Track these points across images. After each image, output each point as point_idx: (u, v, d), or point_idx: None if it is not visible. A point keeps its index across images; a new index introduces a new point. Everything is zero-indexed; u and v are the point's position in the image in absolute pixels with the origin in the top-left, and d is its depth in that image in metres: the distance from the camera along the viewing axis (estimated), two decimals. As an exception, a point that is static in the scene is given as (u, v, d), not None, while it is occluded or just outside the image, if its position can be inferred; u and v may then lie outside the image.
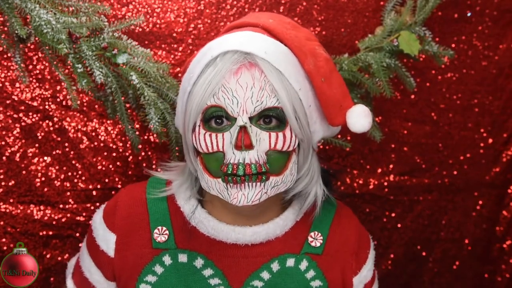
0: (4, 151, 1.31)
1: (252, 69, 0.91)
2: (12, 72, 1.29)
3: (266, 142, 0.91)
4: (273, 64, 0.91)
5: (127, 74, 1.11)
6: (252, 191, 0.91)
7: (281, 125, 0.92)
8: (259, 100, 0.90)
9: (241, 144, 0.88)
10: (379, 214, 1.49)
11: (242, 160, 0.90)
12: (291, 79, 0.92)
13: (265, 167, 0.91)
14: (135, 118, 1.29)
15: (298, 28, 1.02)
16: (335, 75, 0.99)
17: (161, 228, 1.02)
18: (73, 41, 1.08)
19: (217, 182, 0.93)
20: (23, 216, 1.33)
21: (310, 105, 0.95)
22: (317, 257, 1.03)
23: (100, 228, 1.05)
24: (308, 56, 0.96)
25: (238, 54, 0.91)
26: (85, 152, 1.34)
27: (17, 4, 1.03)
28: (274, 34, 0.96)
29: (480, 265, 1.54)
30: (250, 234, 1.00)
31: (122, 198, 1.06)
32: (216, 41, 0.96)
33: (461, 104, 1.46)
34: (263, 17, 1.01)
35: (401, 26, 1.27)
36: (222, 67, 0.91)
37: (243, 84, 0.90)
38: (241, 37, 0.94)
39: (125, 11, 1.29)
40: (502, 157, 1.50)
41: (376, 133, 1.28)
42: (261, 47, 0.92)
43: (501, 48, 1.44)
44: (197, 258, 1.00)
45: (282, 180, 0.94)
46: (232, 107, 0.90)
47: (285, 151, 0.93)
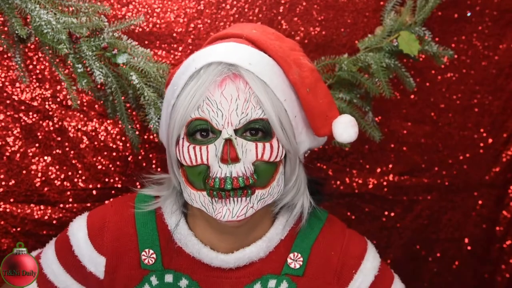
0: (4, 151, 1.31)
1: (237, 81, 0.89)
2: (12, 72, 1.29)
3: (253, 152, 0.90)
4: (257, 75, 0.90)
5: (127, 74, 1.12)
6: (237, 206, 0.90)
7: (267, 136, 0.91)
8: (244, 112, 0.89)
9: (227, 158, 0.87)
10: (378, 214, 1.49)
11: (229, 174, 0.88)
12: (276, 90, 0.91)
13: (252, 178, 0.89)
14: (135, 118, 1.29)
15: (282, 39, 1.01)
16: (320, 85, 0.98)
17: (148, 251, 1.01)
18: (73, 41, 1.08)
19: (201, 195, 0.92)
20: (23, 216, 1.33)
21: (296, 116, 0.94)
22: (298, 278, 1.00)
23: (86, 248, 1.02)
24: (292, 66, 0.95)
25: (222, 66, 0.90)
26: (85, 151, 1.35)
27: (17, 4, 1.03)
28: (257, 44, 0.95)
29: (480, 265, 1.54)
30: (233, 261, 0.99)
31: (111, 217, 1.03)
32: (199, 52, 0.95)
33: (461, 104, 1.46)
34: (247, 28, 1.01)
35: (401, 26, 1.27)
36: (206, 79, 0.89)
37: (228, 96, 0.89)
38: (225, 48, 0.93)
39: (125, 11, 1.29)
40: (502, 157, 1.49)
41: (375, 133, 1.28)
42: (245, 58, 0.91)
43: (501, 48, 1.44)
44: (182, 279, 1.00)
45: (268, 192, 0.92)
46: (217, 120, 0.89)
47: (273, 162, 0.91)
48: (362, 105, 1.28)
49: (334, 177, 1.45)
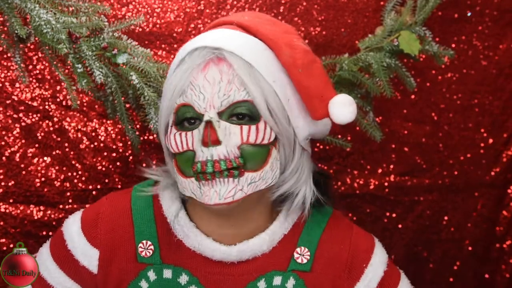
0: (4, 151, 1.31)
1: (221, 64, 0.88)
2: (12, 72, 1.29)
3: (237, 135, 0.87)
4: (242, 57, 0.88)
5: (127, 74, 1.11)
6: (224, 187, 0.87)
7: (254, 120, 0.89)
8: (226, 94, 0.87)
9: (207, 140, 0.85)
10: (379, 215, 1.48)
11: (210, 156, 0.86)
12: (263, 72, 0.89)
13: (236, 162, 0.87)
14: (135, 118, 1.29)
15: (277, 24, 1.00)
16: (315, 66, 0.95)
17: (145, 242, 0.97)
18: (73, 41, 1.08)
19: (190, 181, 0.89)
20: (23, 216, 1.32)
21: (289, 99, 0.92)
22: (305, 274, 0.97)
23: (79, 241, 0.98)
24: (283, 48, 0.93)
25: (206, 50, 0.89)
26: (85, 152, 1.34)
27: (17, 4, 1.03)
28: (247, 29, 0.94)
29: (480, 265, 1.54)
30: (235, 254, 0.95)
31: (105, 209, 1.00)
32: (190, 41, 0.95)
33: (461, 104, 1.46)
34: (240, 15, 1.00)
35: (401, 26, 1.27)
36: (190, 64, 0.89)
37: (210, 80, 0.88)
38: (212, 34, 0.93)
39: (125, 11, 1.29)
40: (502, 157, 1.50)
41: (376, 133, 1.28)
42: (230, 41, 0.90)
43: (501, 48, 1.44)
44: (181, 274, 0.96)
45: (260, 176, 0.89)
46: (199, 103, 0.88)
47: (261, 145, 0.89)
48: (363, 105, 1.28)
49: (335, 177, 1.45)
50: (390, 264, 1.02)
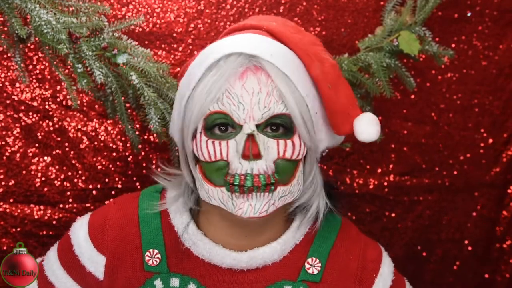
0: (4, 151, 1.31)
1: (258, 73, 0.86)
2: (12, 72, 1.29)
3: (274, 150, 0.86)
4: (279, 67, 0.86)
5: (127, 74, 1.11)
6: (259, 202, 0.86)
7: (289, 133, 0.88)
8: (267, 107, 0.85)
9: (249, 154, 0.84)
10: (379, 215, 1.48)
11: (250, 170, 0.85)
12: (298, 85, 0.88)
13: (273, 177, 0.86)
14: (135, 118, 1.29)
15: (302, 32, 0.98)
16: (342, 82, 0.94)
17: (152, 251, 0.96)
18: (73, 41, 1.08)
19: (220, 191, 0.87)
20: (23, 216, 1.33)
21: (317, 112, 0.91)
22: (315, 285, 0.96)
23: (86, 247, 0.98)
24: (314, 60, 0.91)
25: (242, 57, 0.86)
26: (85, 152, 1.35)
27: (17, 4, 1.03)
28: (278, 37, 0.92)
29: (480, 265, 1.54)
30: (246, 260, 0.94)
31: (113, 215, 0.99)
32: (218, 43, 0.91)
33: (461, 104, 1.46)
34: (266, 19, 0.98)
35: (401, 26, 1.27)
36: (226, 71, 0.85)
37: (249, 89, 0.85)
38: (244, 39, 0.90)
39: (125, 11, 1.29)
40: (502, 157, 1.49)
41: (376, 133, 1.28)
42: (266, 49, 0.87)
43: (501, 48, 1.44)
44: (189, 283, 0.95)
45: (289, 190, 0.89)
46: (238, 114, 0.85)
47: (294, 160, 0.88)
48: (363, 105, 1.28)
49: (335, 177, 1.45)
50: (396, 273, 1.02)
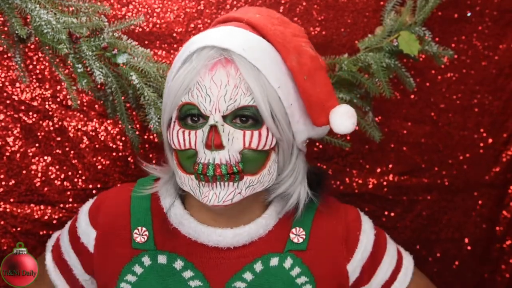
0: (4, 151, 1.31)
1: (228, 66, 0.89)
2: (12, 72, 1.29)
3: (240, 140, 0.89)
4: (250, 61, 0.89)
5: (127, 74, 1.12)
6: (224, 191, 0.89)
7: (257, 124, 0.90)
8: (233, 99, 0.88)
9: (211, 144, 0.87)
10: (378, 214, 1.49)
11: (212, 160, 0.88)
12: (270, 77, 0.90)
13: (237, 167, 0.89)
14: (135, 118, 1.29)
15: (287, 24, 1.00)
16: (320, 74, 0.96)
17: (140, 228, 1.00)
18: (73, 41, 1.08)
19: (190, 178, 0.91)
20: (23, 216, 1.33)
21: (292, 104, 0.93)
22: (302, 253, 0.99)
23: (83, 220, 1.05)
24: (291, 52, 0.93)
25: (214, 50, 0.89)
26: (85, 152, 1.35)
27: (17, 4, 1.03)
28: (257, 29, 0.94)
29: (480, 265, 1.54)
30: (231, 237, 0.97)
31: (110, 196, 1.06)
32: (197, 36, 0.94)
33: (461, 104, 1.46)
34: (251, 11, 0.99)
35: (401, 26, 1.27)
36: (198, 63, 0.89)
37: (218, 82, 0.88)
38: (221, 32, 0.92)
39: (125, 11, 1.29)
40: (502, 157, 1.49)
41: (375, 133, 1.28)
42: (239, 43, 0.90)
43: (501, 48, 1.44)
44: (176, 260, 0.98)
45: (258, 179, 0.91)
46: (205, 105, 0.88)
47: (262, 150, 0.90)
48: (362, 105, 1.28)
49: (334, 177, 1.45)
50: (376, 227, 1.08)
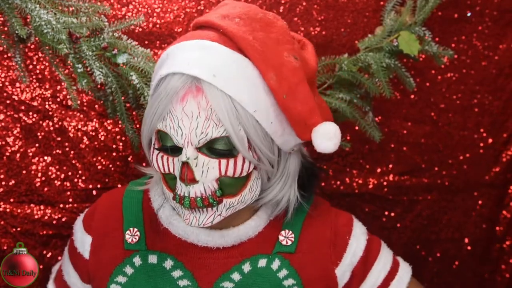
0: (4, 151, 1.31)
1: (199, 96, 0.85)
2: (12, 72, 1.29)
3: (215, 170, 0.87)
4: (221, 88, 0.84)
5: (127, 74, 1.12)
6: (203, 215, 0.90)
7: (234, 151, 0.87)
8: (204, 132, 0.85)
9: (184, 178, 0.86)
10: (378, 214, 1.49)
11: (187, 193, 0.88)
12: (245, 102, 0.85)
13: (213, 197, 0.88)
14: (135, 118, 1.29)
15: (270, 28, 0.92)
16: (301, 89, 0.90)
17: (132, 229, 1.01)
18: (73, 41, 1.08)
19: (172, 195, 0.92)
20: (23, 216, 1.33)
21: (272, 122, 0.89)
22: (290, 255, 0.99)
23: (78, 230, 1.05)
24: (270, 69, 0.88)
25: (184, 78, 0.85)
26: (85, 152, 1.35)
27: (17, 4, 1.03)
28: (234, 41, 0.88)
29: (480, 265, 1.54)
30: (219, 237, 0.97)
31: (101, 201, 1.06)
32: (172, 48, 0.90)
33: (461, 104, 1.46)
34: (232, 14, 0.92)
35: (401, 26, 1.27)
36: (170, 91, 0.86)
37: (189, 114, 0.85)
38: (191, 54, 0.87)
39: (125, 11, 1.29)
40: (502, 157, 1.50)
41: (375, 133, 1.28)
42: (210, 68, 0.85)
43: (501, 48, 1.44)
44: (166, 260, 0.99)
45: (238, 200, 0.91)
46: (177, 138, 0.86)
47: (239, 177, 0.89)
48: (362, 105, 1.28)
49: (334, 177, 1.45)
50: (369, 234, 1.08)
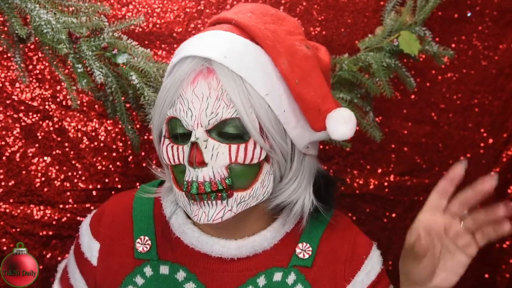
0: (4, 151, 1.31)
1: (210, 77, 0.84)
2: (12, 72, 1.29)
3: (225, 155, 0.84)
4: (232, 69, 0.83)
5: (127, 74, 1.12)
6: (213, 209, 0.85)
7: (245, 135, 0.85)
8: (214, 112, 0.83)
9: (193, 161, 0.83)
10: (379, 215, 1.48)
11: (195, 178, 0.84)
12: (256, 84, 0.84)
13: (222, 184, 0.84)
14: (135, 118, 1.29)
15: (281, 21, 0.93)
16: (314, 75, 0.89)
17: (143, 237, 0.97)
18: (73, 41, 1.08)
19: (182, 195, 0.88)
20: (23, 216, 1.33)
21: (285, 110, 0.87)
22: (306, 270, 0.95)
23: (85, 235, 1.01)
24: (282, 54, 0.87)
25: (196, 61, 0.84)
26: (85, 152, 1.35)
27: (17, 4, 1.03)
28: (246, 31, 0.88)
29: (480, 265, 1.54)
30: (234, 248, 0.93)
31: (109, 206, 1.02)
32: (185, 42, 0.90)
33: (461, 104, 1.46)
34: (243, 10, 0.93)
35: (401, 26, 1.27)
36: (180, 75, 0.85)
37: (199, 95, 0.83)
38: (203, 40, 0.87)
39: (125, 11, 1.29)
40: (502, 157, 1.50)
41: (376, 133, 1.28)
42: (221, 50, 0.84)
43: (501, 48, 1.44)
44: (179, 271, 0.95)
45: (250, 194, 0.86)
46: (186, 120, 0.84)
47: (251, 164, 0.86)
48: (363, 105, 1.28)
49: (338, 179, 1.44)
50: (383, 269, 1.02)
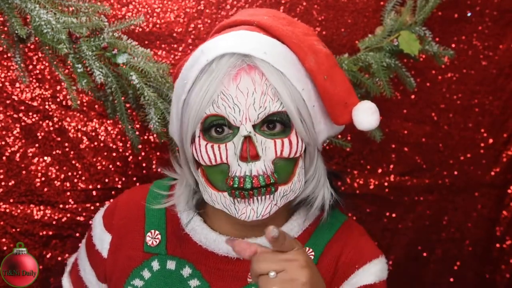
0: (4, 151, 1.31)
1: (252, 73, 0.86)
2: (12, 72, 1.29)
3: (272, 150, 0.87)
4: (273, 65, 0.86)
5: (127, 74, 1.12)
6: (261, 205, 0.87)
7: (286, 129, 0.88)
8: (262, 106, 0.85)
9: (246, 155, 0.84)
10: (380, 215, 1.48)
11: (248, 172, 0.85)
12: (293, 80, 0.88)
13: (273, 177, 0.86)
14: (135, 118, 1.29)
15: (295, 24, 0.97)
16: (337, 71, 0.94)
17: (153, 231, 0.99)
18: (73, 41, 1.08)
19: (222, 196, 0.88)
20: (23, 216, 1.33)
21: (314, 105, 0.91)
22: None
23: (98, 227, 1.03)
24: (308, 53, 0.91)
25: (235, 57, 0.86)
26: (85, 152, 1.35)
27: (17, 4, 1.03)
28: (270, 31, 0.91)
29: (480, 265, 1.54)
30: None
31: (123, 199, 1.05)
32: (209, 43, 0.91)
33: (461, 104, 1.46)
34: (257, 13, 0.97)
35: (401, 26, 1.27)
36: (220, 72, 0.85)
37: (244, 90, 0.85)
38: (236, 37, 0.89)
39: (125, 11, 1.29)
40: (502, 157, 1.50)
41: (376, 133, 1.28)
42: (259, 47, 0.87)
43: (501, 48, 1.44)
44: (185, 267, 0.97)
45: (290, 188, 0.89)
46: (234, 116, 0.85)
47: (292, 158, 0.88)
48: (363, 105, 1.28)
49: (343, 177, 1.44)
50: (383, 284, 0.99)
